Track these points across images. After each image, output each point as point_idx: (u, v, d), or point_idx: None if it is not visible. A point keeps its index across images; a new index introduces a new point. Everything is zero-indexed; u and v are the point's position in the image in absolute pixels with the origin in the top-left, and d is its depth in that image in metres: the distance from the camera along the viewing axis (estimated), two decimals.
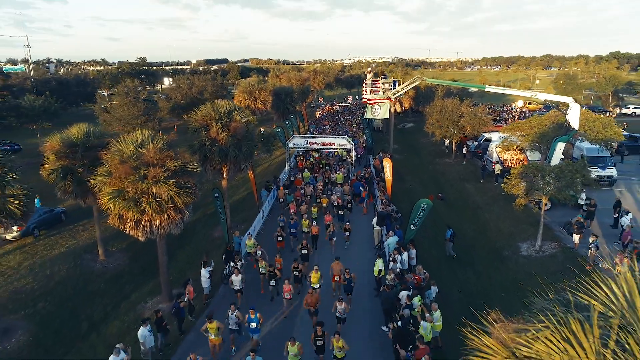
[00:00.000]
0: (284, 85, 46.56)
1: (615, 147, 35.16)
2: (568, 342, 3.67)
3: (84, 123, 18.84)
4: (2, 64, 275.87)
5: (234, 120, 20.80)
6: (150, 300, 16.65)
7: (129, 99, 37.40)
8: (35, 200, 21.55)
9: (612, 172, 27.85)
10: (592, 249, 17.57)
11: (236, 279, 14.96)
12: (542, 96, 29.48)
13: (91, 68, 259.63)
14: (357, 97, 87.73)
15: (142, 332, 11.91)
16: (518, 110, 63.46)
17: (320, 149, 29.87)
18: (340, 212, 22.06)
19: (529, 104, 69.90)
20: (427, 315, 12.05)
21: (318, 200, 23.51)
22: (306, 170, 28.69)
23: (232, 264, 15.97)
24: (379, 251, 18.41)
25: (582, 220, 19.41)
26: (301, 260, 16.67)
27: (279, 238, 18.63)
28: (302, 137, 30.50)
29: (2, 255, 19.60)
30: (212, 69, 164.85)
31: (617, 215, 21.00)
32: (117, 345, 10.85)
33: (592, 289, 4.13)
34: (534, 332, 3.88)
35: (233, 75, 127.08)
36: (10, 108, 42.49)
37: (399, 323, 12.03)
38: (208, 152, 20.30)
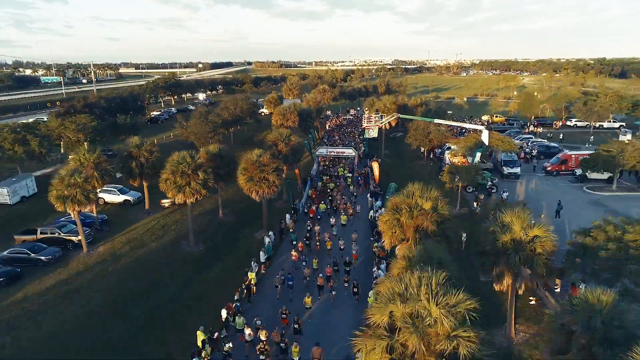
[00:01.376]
0: (304, 107, 63.37)
1: (535, 153, 52.28)
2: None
3: (216, 144, 35.64)
4: (29, 71, 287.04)
5: (291, 140, 37.70)
6: (256, 233, 33.32)
7: (202, 119, 54.17)
8: None
9: (517, 170, 44.63)
10: (478, 209, 34.46)
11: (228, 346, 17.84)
12: (468, 126, 46.25)
13: (99, 71, 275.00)
14: (358, 108, 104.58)
15: (266, 239, 28.66)
16: (485, 123, 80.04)
17: (336, 155, 46.96)
18: (347, 268, 24.94)
19: (496, 116, 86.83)
20: None
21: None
22: (323, 202, 36.58)
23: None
24: (373, 212, 35.24)
25: (479, 195, 36.24)
26: (293, 334, 19.20)
27: (283, 315, 20.46)
28: (324, 148, 47.50)
29: (167, 215, 36.39)
30: (227, 76, 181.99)
31: (503, 192, 37.75)
32: (269, 233, 27.64)
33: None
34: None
35: (248, 87, 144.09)
36: (110, 125, 59.33)
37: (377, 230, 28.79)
38: (277, 159, 37.12)
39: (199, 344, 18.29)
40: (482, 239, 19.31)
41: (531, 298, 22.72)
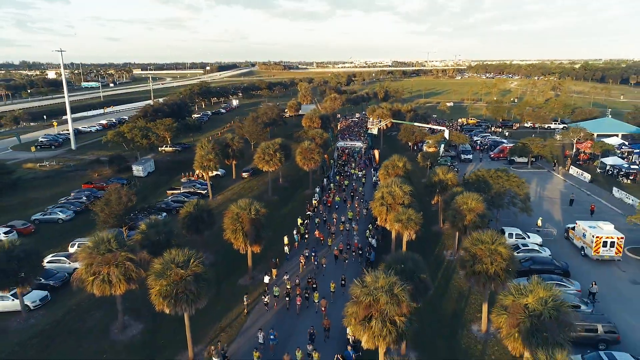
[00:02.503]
0: (322, 113, 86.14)
1: (487, 146, 75.24)
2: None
3: (279, 137, 58.31)
4: (52, 73, 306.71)
5: (324, 136, 60.39)
6: (305, 191, 55.78)
7: (254, 121, 76.69)
8: None
9: (470, 156, 67.44)
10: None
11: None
12: (434, 127, 68.83)
13: (117, 74, 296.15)
14: (363, 112, 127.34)
15: (316, 188, 51.18)
16: (460, 124, 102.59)
17: (350, 147, 69.59)
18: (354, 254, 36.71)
19: (471, 119, 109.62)
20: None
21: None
22: (337, 195, 51.44)
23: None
24: (374, 177, 57.87)
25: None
26: (312, 290, 29.49)
27: (309, 280, 31.06)
28: (342, 141, 70.10)
29: (247, 182, 59.00)
30: (243, 81, 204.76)
31: (456, 168, 60.37)
32: (316, 187, 50.21)
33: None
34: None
35: (265, 92, 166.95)
36: (184, 125, 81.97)
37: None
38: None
39: (300, 221, 41.02)
40: (427, 179, 41.96)
41: None
